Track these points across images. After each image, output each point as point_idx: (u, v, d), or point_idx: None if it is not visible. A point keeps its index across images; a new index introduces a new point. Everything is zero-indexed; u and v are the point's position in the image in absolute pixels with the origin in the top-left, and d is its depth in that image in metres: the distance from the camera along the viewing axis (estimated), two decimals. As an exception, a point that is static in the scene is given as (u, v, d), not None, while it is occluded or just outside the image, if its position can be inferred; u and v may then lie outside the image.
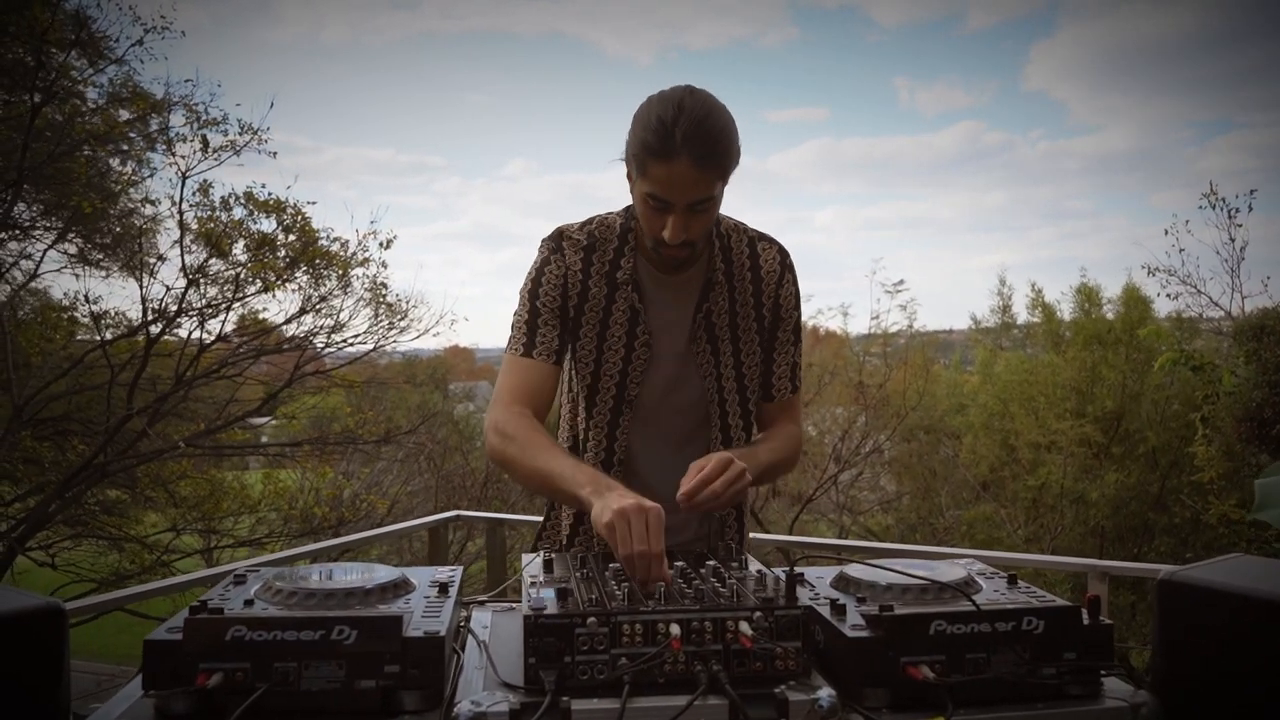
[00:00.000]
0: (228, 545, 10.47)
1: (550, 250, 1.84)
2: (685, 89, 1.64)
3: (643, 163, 1.63)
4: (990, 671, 1.21)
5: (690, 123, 1.57)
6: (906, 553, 3.80)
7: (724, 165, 1.64)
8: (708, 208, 1.66)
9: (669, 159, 1.59)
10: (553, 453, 1.64)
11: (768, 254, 1.89)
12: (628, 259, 1.82)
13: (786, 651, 1.21)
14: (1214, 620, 1.18)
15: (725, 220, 1.88)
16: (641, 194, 1.67)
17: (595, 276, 1.82)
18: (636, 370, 1.82)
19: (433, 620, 1.23)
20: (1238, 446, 8.38)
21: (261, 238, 9.47)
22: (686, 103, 1.59)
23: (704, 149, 1.58)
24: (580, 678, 1.18)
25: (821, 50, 62.09)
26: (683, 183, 1.60)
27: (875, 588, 1.37)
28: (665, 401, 1.85)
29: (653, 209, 1.66)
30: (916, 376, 13.21)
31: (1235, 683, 1.16)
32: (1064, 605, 1.26)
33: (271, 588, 1.31)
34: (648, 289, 1.83)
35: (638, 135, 1.63)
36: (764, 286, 1.87)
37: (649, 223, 1.69)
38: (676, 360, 1.84)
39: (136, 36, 8.62)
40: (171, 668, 1.13)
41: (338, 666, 1.15)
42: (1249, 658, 1.14)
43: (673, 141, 1.57)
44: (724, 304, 1.84)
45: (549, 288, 1.81)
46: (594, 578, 1.38)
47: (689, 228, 1.65)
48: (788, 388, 1.92)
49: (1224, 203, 9.85)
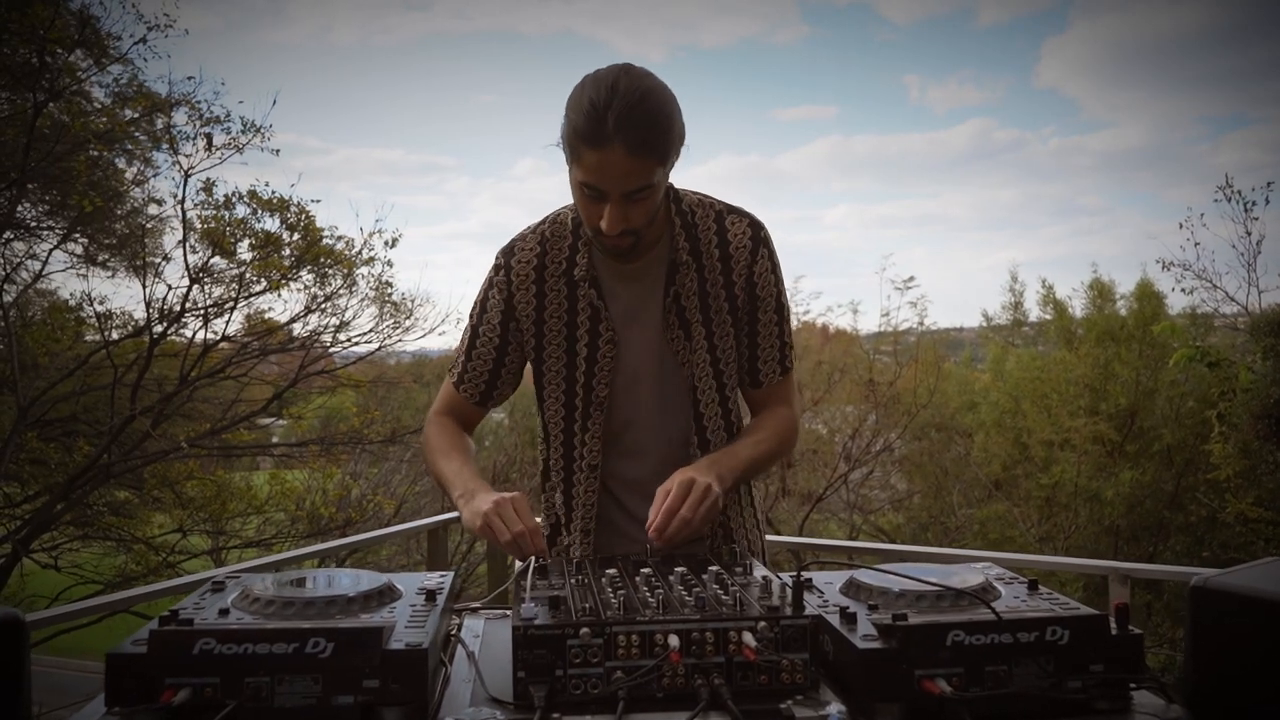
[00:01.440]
0: (235, 546, 10.45)
1: (496, 270, 1.79)
2: (621, 68, 1.54)
3: (575, 149, 1.53)
4: (1012, 685, 1.13)
5: (624, 106, 1.46)
6: (922, 555, 3.72)
7: (663, 151, 1.53)
8: (647, 195, 1.56)
9: (602, 146, 1.48)
10: (447, 456, 1.75)
11: (737, 228, 1.75)
12: (582, 254, 1.73)
13: (793, 664, 1.14)
14: (1252, 630, 1.10)
15: (689, 195, 1.77)
16: (576, 182, 1.58)
17: (552, 280, 1.75)
18: (604, 369, 1.74)
19: (416, 631, 1.15)
20: (1255, 444, 8.25)
21: (266, 236, 9.43)
22: (621, 84, 1.49)
23: (639, 135, 1.48)
24: (573, 692, 1.11)
25: (832, 48, 61.83)
26: (617, 171, 1.50)
27: (888, 594, 1.29)
28: (639, 397, 1.77)
29: (588, 198, 1.57)
30: (927, 374, 13.11)
31: (1277, 697, 1.07)
32: (1090, 614, 1.18)
33: (249, 596, 1.25)
34: (608, 283, 1.74)
35: (570, 119, 1.53)
36: (733, 264, 1.74)
37: (586, 212, 1.60)
38: (650, 352, 1.75)
39: (140, 34, 8.60)
40: (136, 683, 1.06)
41: (313, 681, 1.08)
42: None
43: (605, 127, 1.47)
44: (693, 285, 1.73)
45: (490, 315, 1.79)
46: (589, 585, 1.30)
47: (628, 216, 1.56)
48: (776, 371, 1.80)
49: (1240, 196, 9.72)
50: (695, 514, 1.48)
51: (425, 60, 63.95)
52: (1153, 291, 12.72)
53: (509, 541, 1.47)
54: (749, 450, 1.72)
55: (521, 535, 1.47)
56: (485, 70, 65.27)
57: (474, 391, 1.84)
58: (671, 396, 1.77)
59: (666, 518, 1.47)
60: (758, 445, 1.75)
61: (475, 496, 1.59)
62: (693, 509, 1.48)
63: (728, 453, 1.69)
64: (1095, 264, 26.97)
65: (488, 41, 66.54)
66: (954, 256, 46.09)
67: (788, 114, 60.07)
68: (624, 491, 1.81)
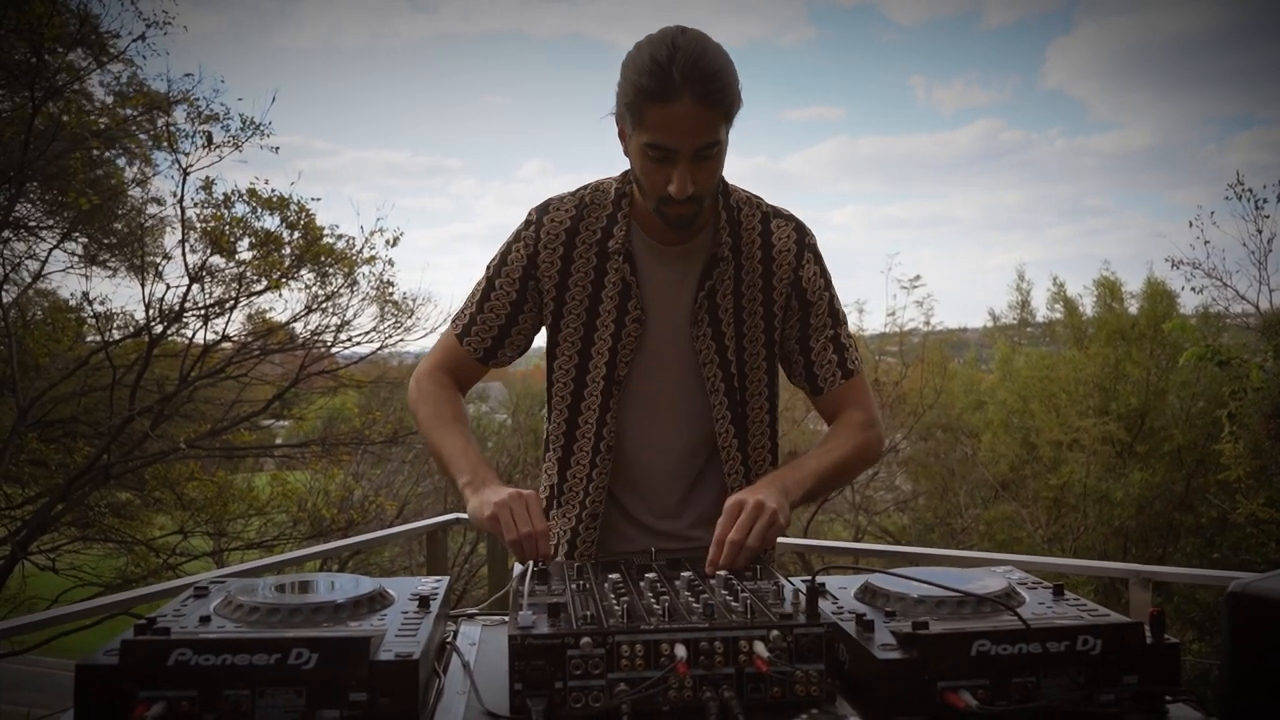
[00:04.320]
0: (236, 548, 10.40)
1: (526, 225, 1.73)
2: (676, 28, 1.51)
3: (639, 110, 1.49)
4: (1041, 698, 1.06)
5: (688, 60, 1.45)
6: (940, 558, 3.64)
7: (728, 103, 1.50)
8: (714, 154, 1.52)
9: (669, 100, 1.45)
10: (451, 429, 1.67)
11: (782, 231, 1.72)
12: (620, 227, 1.68)
13: (808, 675, 1.07)
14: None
15: (738, 191, 1.73)
16: (640, 146, 1.52)
17: (583, 248, 1.69)
18: (627, 349, 1.68)
19: (407, 641, 1.09)
20: (1266, 443, 8.17)
21: (266, 235, 9.38)
22: (680, 41, 1.47)
23: (706, 85, 1.45)
24: (573, 706, 1.05)
25: (838, 49, 61.72)
26: (687, 124, 1.46)
27: (906, 601, 1.23)
28: (661, 385, 1.71)
29: (654, 161, 1.52)
30: (933, 374, 13.04)
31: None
32: (1124, 622, 1.11)
33: (232, 603, 1.18)
34: (643, 262, 1.69)
35: (630, 81, 1.49)
36: (776, 268, 1.70)
37: (651, 179, 1.54)
38: (675, 342, 1.69)
39: (139, 32, 8.56)
40: (108, 697, 1.00)
41: (296, 694, 1.01)
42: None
43: (672, 81, 1.44)
44: (729, 283, 1.68)
45: (511, 269, 1.73)
46: (591, 591, 1.23)
47: (696, 179, 1.51)
48: (836, 375, 1.73)
49: (1251, 194, 9.63)
50: (745, 535, 1.40)
51: (432, 62, 64.07)
52: (1163, 290, 12.63)
53: (514, 540, 1.42)
54: (817, 460, 1.64)
55: (529, 537, 1.42)
56: (492, 72, 65.42)
57: (479, 346, 1.75)
58: (688, 396, 1.71)
59: (716, 549, 1.40)
60: (829, 453, 1.66)
61: (486, 487, 1.52)
62: (743, 531, 1.39)
63: (794, 465, 1.62)
64: (1106, 261, 26.85)
65: (495, 43, 66.65)
66: (960, 257, 45.99)
67: (794, 115, 60.01)
68: (624, 489, 1.74)
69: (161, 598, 3.33)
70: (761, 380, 1.74)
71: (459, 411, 1.73)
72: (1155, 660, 1.09)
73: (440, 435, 1.67)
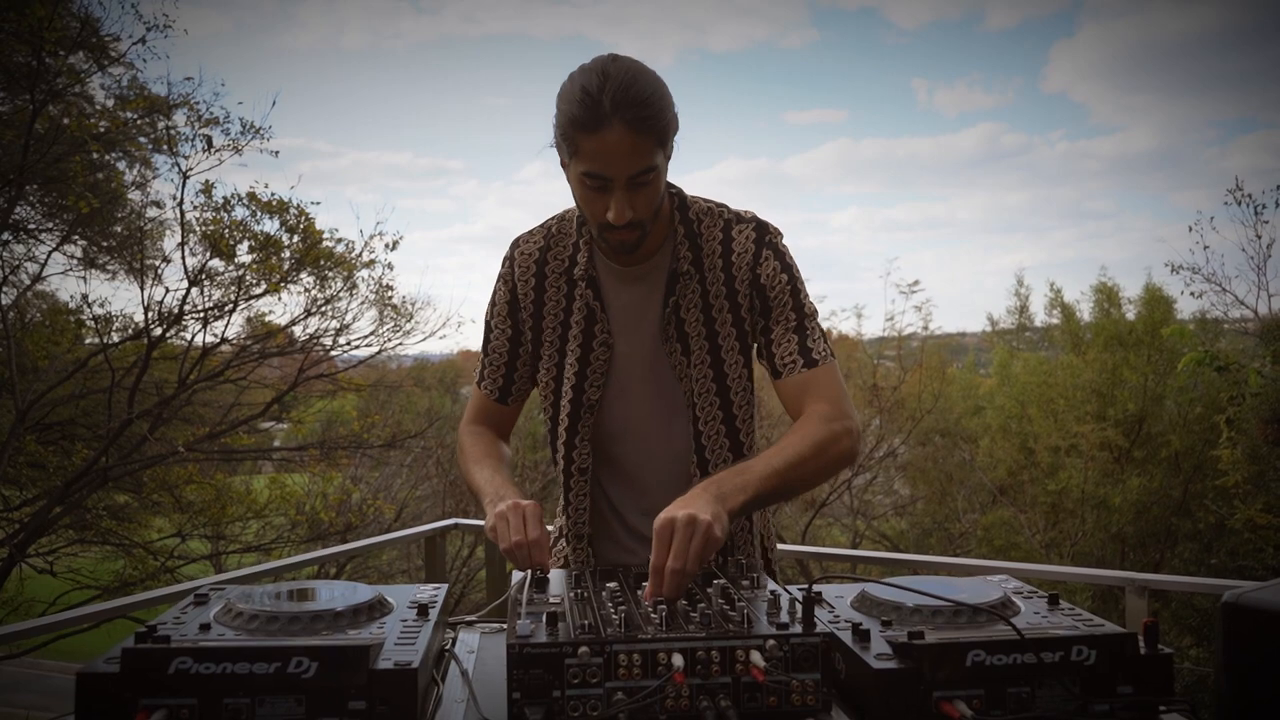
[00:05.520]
0: (234, 551, 10.38)
1: (503, 263, 1.80)
2: (609, 57, 1.52)
3: (573, 140, 1.49)
4: (1036, 708, 1.07)
5: (618, 87, 1.44)
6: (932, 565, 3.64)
7: (660, 129, 1.49)
8: (651, 179, 1.52)
9: (600, 128, 1.45)
10: (480, 464, 1.72)
11: (742, 234, 1.69)
12: (584, 253, 1.70)
13: (804, 684, 1.08)
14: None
15: (697, 203, 1.72)
16: (577, 176, 1.53)
17: (553, 276, 1.73)
18: (596, 373, 1.70)
19: (406, 649, 1.09)
20: (1264, 449, 8.18)
21: (265, 238, 9.37)
22: (610, 69, 1.47)
23: (637, 111, 1.45)
24: (571, 714, 1.05)
25: (841, 51, 61.80)
26: (620, 152, 1.46)
27: (901, 610, 1.23)
28: (634, 405, 1.71)
29: (591, 190, 1.52)
30: (932, 379, 13.05)
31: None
32: (1119, 632, 1.12)
33: (232, 610, 1.19)
34: (607, 285, 1.70)
35: (564, 111, 1.50)
36: (736, 271, 1.68)
37: (590, 207, 1.55)
38: (646, 361, 1.70)
39: (140, 35, 8.56)
40: (109, 705, 1.00)
41: (296, 703, 1.02)
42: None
43: (603, 109, 1.44)
44: (695, 297, 1.67)
45: (499, 308, 1.79)
46: (589, 600, 1.24)
47: (634, 205, 1.51)
48: (797, 362, 1.64)
49: (1250, 199, 9.65)
50: (684, 561, 1.25)
51: (435, 64, 64.09)
52: (1161, 295, 12.64)
53: (507, 549, 1.44)
54: (765, 461, 1.49)
55: (520, 545, 1.42)
56: (495, 73, 65.43)
57: (494, 388, 1.82)
58: (669, 411, 1.71)
59: (656, 578, 1.27)
60: (780, 452, 1.51)
61: (500, 500, 1.54)
62: (680, 558, 1.25)
63: (737, 469, 1.48)
64: (1104, 267, 26.82)
65: (497, 45, 66.67)
66: (962, 260, 46.04)
67: (796, 117, 60.10)
68: (621, 503, 1.76)
69: (162, 603, 3.33)
70: (745, 388, 1.73)
71: (489, 448, 1.77)
72: (1149, 670, 1.10)
73: (472, 472, 1.72)
